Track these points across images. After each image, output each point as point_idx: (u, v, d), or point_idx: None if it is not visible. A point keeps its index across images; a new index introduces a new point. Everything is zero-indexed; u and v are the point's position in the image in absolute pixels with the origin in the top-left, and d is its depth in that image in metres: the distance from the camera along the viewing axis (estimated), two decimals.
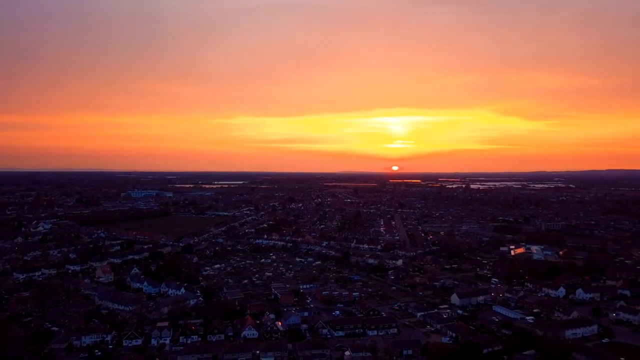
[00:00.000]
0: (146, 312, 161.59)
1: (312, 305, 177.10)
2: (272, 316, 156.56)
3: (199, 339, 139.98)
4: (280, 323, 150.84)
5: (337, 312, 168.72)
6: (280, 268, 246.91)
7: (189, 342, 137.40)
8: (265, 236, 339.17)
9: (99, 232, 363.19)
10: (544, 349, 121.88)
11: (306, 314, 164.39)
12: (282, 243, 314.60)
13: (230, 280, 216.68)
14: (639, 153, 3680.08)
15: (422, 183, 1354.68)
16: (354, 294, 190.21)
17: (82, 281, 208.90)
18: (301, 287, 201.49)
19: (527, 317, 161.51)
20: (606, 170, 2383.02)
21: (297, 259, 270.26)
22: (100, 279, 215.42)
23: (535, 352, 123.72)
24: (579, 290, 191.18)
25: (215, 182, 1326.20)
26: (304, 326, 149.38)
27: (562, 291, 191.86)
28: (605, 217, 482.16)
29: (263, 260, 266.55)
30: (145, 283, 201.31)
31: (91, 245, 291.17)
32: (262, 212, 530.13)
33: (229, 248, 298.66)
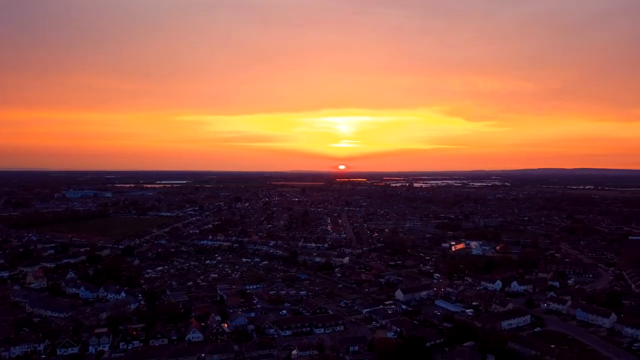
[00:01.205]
0: (83, 319, 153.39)
1: (258, 306, 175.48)
2: (218, 318, 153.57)
3: (141, 344, 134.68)
4: (226, 325, 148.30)
5: (284, 311, 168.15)
6: (226, 269, 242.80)
7: (129, 347, 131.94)
8: (210, 237, 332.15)
9: (30, 235, 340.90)
10: (482, 340, 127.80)
11: (253, 314, 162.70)
12: (227, 243, 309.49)
13: (173, 283, 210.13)
14: (567, 153, 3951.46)
15: (367, 182, 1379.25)
16: (301, 292, 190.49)
17: (11, 288, 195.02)
18: (248, 287, 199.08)
19: (467, 310, 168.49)
20: (538, 169, 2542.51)
21: (244, 260, 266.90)
22: (32, 285, 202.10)
23: (474, 343, 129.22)
24: (514, 283, 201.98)
25: (158, 182, 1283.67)
26: (251, 327, 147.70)
27: (498, 284, 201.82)
28: (538, 214, 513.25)
29: (208, 261, 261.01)
30: (82, 288, 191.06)
31: (21, 249, 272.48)
32: (207, 212, 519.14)
33: (172, 249, 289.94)
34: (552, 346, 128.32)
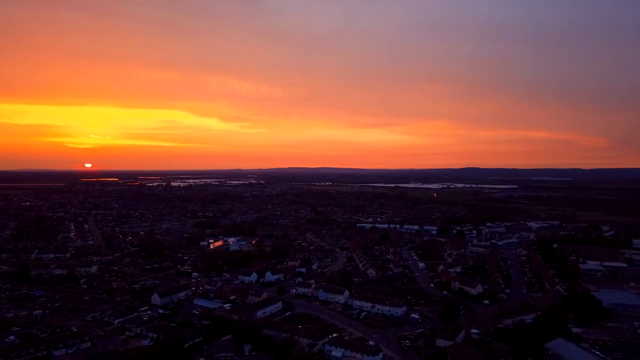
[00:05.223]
0: None
1: None
2: None
3: None
4: None
5: (12, 337, 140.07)
6: None
7: None
8: None
9: None
10: (239, 332, 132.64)
11: None
12: None
13: None
14: (311, 154, 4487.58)
15: (120, 181, 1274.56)
16: (35, 312, 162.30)
17: None
18: None
19: (225, 305, 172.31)
20: (287, 167, 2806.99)
21: None
22: None
23: (232, 336, 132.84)
24: (268, 273, 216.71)
25: None
26: None
27: (254, 276, 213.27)
28: (288, 208, 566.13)
29: None
30: None
31: None
32: None
33: None
34: (300, 326, 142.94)
